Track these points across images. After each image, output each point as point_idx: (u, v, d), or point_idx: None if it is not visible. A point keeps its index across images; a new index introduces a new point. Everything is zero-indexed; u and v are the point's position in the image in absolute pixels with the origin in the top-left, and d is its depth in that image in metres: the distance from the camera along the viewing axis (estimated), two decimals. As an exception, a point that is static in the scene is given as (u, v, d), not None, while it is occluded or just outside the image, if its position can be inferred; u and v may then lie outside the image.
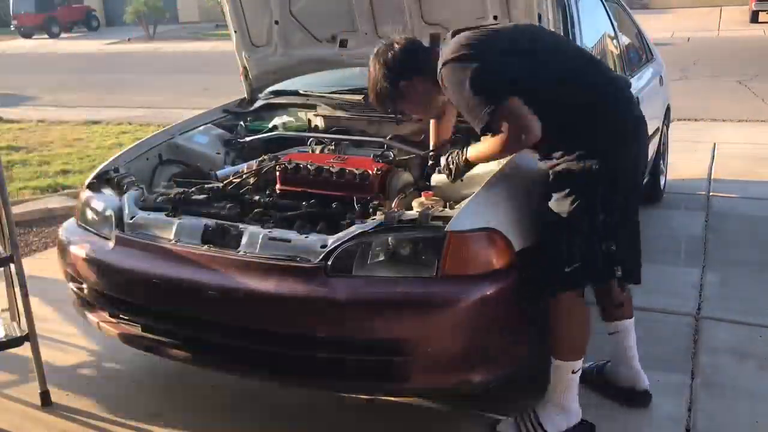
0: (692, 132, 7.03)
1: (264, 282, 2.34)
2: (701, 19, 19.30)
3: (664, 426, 2.57)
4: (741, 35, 16.27)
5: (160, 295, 2.54)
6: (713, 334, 3.19)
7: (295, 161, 2.94)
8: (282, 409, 2.75)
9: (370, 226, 2.37)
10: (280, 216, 2.55)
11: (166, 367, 2.97)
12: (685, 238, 4.34)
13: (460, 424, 2.63)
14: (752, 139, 6.80)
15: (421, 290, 2.25)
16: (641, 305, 3.43)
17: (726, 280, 3.72)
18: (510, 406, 2.60)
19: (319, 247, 2.33)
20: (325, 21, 3.45)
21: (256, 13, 3.53)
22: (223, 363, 2.56)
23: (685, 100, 8.00)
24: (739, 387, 2.78)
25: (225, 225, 2.51)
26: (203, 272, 2.43)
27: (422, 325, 2.25)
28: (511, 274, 2.33)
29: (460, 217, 2.32)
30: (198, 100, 2.65)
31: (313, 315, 2.29)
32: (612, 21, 4.18)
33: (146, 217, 2.66)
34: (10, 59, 21.92)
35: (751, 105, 8.41)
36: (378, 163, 2.84)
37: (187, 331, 2.57)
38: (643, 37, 4.97)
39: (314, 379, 2.42)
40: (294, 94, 3.77)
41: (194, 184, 2.90)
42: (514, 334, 2.45)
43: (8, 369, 2.94)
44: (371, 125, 3.45)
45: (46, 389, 2.81)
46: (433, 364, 2.30)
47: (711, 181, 5.46)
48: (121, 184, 2.90)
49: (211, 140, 3.41)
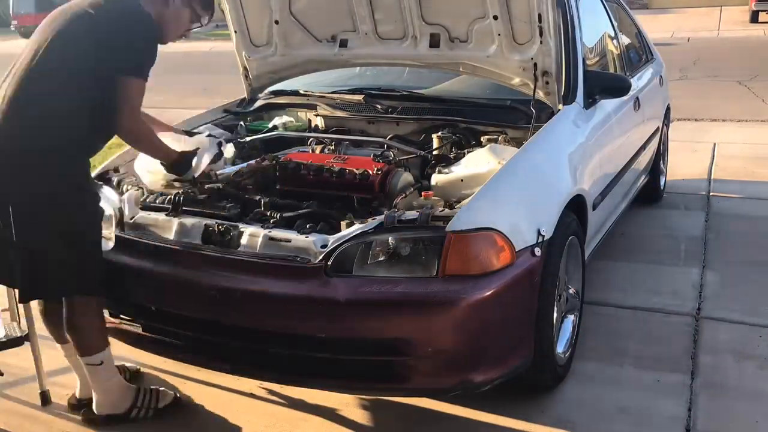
0: (692, 132, 7.03)
1: (264, 282, 2.34)
2: (701, 19, 19.28)
3: (664, 426, 2.57)
4: (741, 35, 16.25)
5: (160, 295, 2.54)
6: (713, 334, 3.19)
7: (295, 161, 2.95)
8: (282, 408, 2.75)
9: (370, 226, 2.37)
10: (280, 216, 2.55)
11: (166, 366, 2.97)
12: (685, 238, 4.34)
13: (461, 424, 2.63)
14: (752, 139, 6.79)
15: (421, 290, 2.25)
16: (641, 305, 3.45)
17: (726, 280, 3.72)
18: (511, 406, 2.60)
19: (320, 247, 2.33)
20: (325, 21, 3.45)
21: (256, 13, 3.53)
22: (223, 363, 2.56)
23: (685, 100, 8.00)
24: (739, 387, 2.78)
25: (225, 225, 2.51)
26: (203, 272, 2.43)
27: (422, 325, 2.25)
28: (511, 273, 2.33)
29: (460, 217, 2.32)
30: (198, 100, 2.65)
31: (313, 315, 2.29)
32: (612, 21, 4.18)
33: (146, 217, 2.66)
34: (10, 59, 21.86)
35: (751, 105, 8.41)
36: (378, 163, 2.85)
37: (188, 331, 2.58)
38: (643, 37, 4.97)
39: (314, 379, 2.42)
40: (294, 94, 3.77)
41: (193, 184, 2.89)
42: (515, 333, 2.45)
43: (8, 369, 2.94)
44: (371, 125, 3.45)
45: (45, 389, 2.81)
46: (434, 364, 2.30)
47: (711, 181, 5.46)
48: (121, 184, 2.90)
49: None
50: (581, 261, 3.00)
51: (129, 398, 2.66)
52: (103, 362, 2.59)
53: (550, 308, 2.57)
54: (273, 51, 3.61)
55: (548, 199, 2.70)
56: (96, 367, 2.59)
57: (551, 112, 3.07)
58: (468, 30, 3.15)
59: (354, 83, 3.80)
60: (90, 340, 2.57)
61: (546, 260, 2.50)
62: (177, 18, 2.58)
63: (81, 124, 2.42)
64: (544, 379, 2.69)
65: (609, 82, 3.38)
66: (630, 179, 4.02)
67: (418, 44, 3.29)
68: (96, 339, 2.58)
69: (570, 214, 2.79)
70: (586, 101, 3.23)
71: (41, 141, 2.36)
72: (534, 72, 3.07)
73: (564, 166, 2.92)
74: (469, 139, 3.15)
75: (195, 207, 2.66)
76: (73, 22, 2.43)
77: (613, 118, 3.52)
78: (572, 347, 2.91)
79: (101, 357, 2.58)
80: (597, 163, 3.21)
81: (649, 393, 2.75)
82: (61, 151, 2.40)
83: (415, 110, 3.36)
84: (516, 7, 2.98)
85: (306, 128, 3.60)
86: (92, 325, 2.57)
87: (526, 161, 2.73)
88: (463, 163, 2.87)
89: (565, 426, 2.57)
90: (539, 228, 2.49)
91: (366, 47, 3.41)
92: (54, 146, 2.38)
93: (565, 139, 3.04)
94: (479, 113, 3.25)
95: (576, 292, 3.00)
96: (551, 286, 2.56)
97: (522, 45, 3.06)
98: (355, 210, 2.66)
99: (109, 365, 2.63)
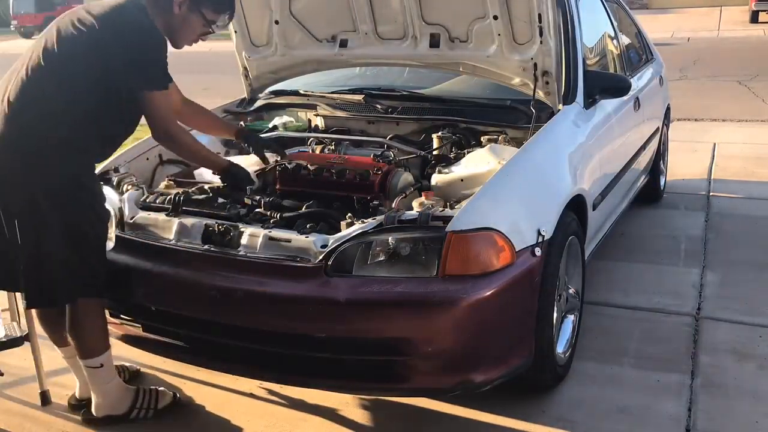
0: (692, 132, 7.03)
1: (264, 282, 2.34)
2: (701, 19, 19.29)
3: (664, 426, 2.57)
4: (741, 35, 16.25)
5: (160, 295, 2.54)
6: (713, 334, 3.18)
7: (296, 161, 2.95)
8: (282, 408, 2.75)
9: (370, 226, 2.37)
10: (280, 216, 2.55)
11: (166, 366, 2.97)
12: (685, 238, 4.34)
13: (461, 424, 2.63)
14: (752, 139, 6.79)
15: (421, 290, 2.25)
16: (641, 305, 3.45)
17: (726, 280, 3.72)
18: (511, 406, 2.60)
19: (320, 247, 2.33)
20: (325, 21, 3.45)
21: (256, 13, 3.53)
22: (223, 363, 2.56)
23: (685, 100, 8.01)
24: (739, 387, 2.78)
25: (225, 225, 2.51)
26: (203, 272, 2.43)
27: (423, 325, 2.25)
28: (511, 273, 2.33)
29: (460, 217, 2.32)
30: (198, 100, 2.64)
31: (313, 315, 2.29)
32: (612, 21, 4.18)
33: (146, 217, 2.66)
34: (10, 59, 21.84)
35: (751, 105, 8.41)
36: (378, 163, 2.85)
37: (188, 331, 2.57)
38: (643, 37, 4.97)
39: (314, 379, 2.42)
40: (294, 94, 3.78)
41: (194, 184, 2.90)
42: (515, 333, 2.45)
43: (8, 369, 2.94)
44: (371, 125, 3.45)
45: (45, 389, 2.81)
46: (434, 364, 2.30)
47: (711, 181, 5.46)
48: (121, 184, 2.90)
49: (211, 140, 3.41)
50: (581, 261, 3.00)
51: (128, 399, 2.66)
52: (103, 365, 2.58)
53: (550, 308, 2.57)
54: (273, 51, 3.61)
55: (548, 199, 2.70)
56: (96, 369, 2.58)
57: (551, 112, 3.08)
58: (468, 30, 3.15)
59: (354, 83, 3.80)
60: (91, 343, 2.56)
61: (546, 260, 2.50)
62: (185, 24, 2.55)
63: (78, 127, 2.40)
64: (544, 379, 2.69)
65: (609, 82, 3.38)
66: (630, 179, 4.02)
67: (418, 44, 3.29)
68: (97, 342, 2.57)
69: (570, 214, 2.79)
70: (586, 101, 3.23)
71: (39, 141, 2.35)
72: (534, 72, 3.07)
73: (564, 166, 2.92)
74: (469, 139, 3.15)
75: (195, 207, 2.66)
76: (76, 34, 2.39)
77: (613, 118, 3.51)
78: (572, 347, 2.91)
79: (101, 360, 2.57)
80: (597, 163, 3.21)
81: (649, 393, 2.75)
82: (59, 149, 2.38)
83: (415, 110, 3.36)
84: (516, 7, 2.98)
85: (306, 128, 3.60)
86: (94, 327, 2.56)
87: (526, 161, 2.73)
88: (463, 163, 2.87)
89: (565, 426, 2.57)
90: (539, 228, 2.49)
91: (366, 47, 3.42)
92: (52, 146, 2.36)
93: (565, 139, 3.04)
94: (479, 113, 3.25)
95: (576, 292, 3.00)
96: (551, 286, 2.56)
97: (522, 45, 3.06)
98: (355, 210, 2.66)
99: (109, 368, 2.62)
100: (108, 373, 2.62)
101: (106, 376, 2.61)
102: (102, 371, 2.59)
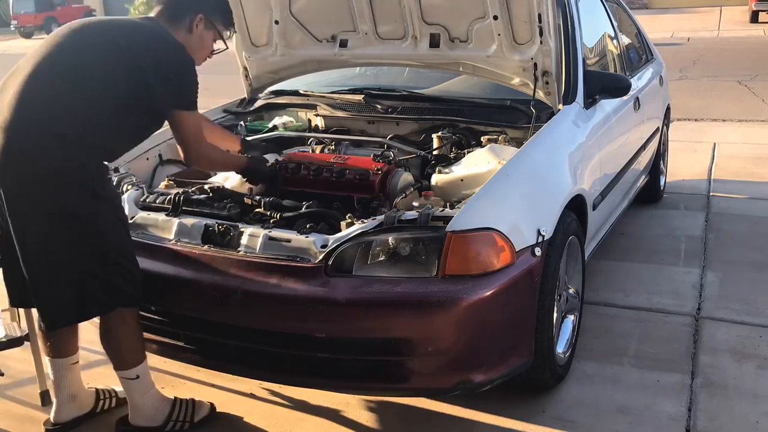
0: (692, 132, 7.03)
1: (264, 282, 2.34)
2: (701, 19, 19.29)
3: (664, 426, 2.57)
4: (741, 35, 16.25)
5: (160, 296, 2.54)
6: (713, 334, 3.19)
7: (296, 161, 2.95)
8: (282, 408, 2.75)
9: (370, 226, 2.37)
10: (280, 216, 2.55)
11: (166, 366, 2.97)
12: (685, 238, 4.34)
13: (461, 424, 2.63)
14: (752, 139, 6.79)
15: (421, 290, 2.25)
16: (641, 305, 3.45)
17: (726, 280, 3.72)
18: (511, 406, 2.60)
19: (320, 247, 2.33)
20: (325, 21, 3.45)
21: (256, 13, 3.53)
22: (224, 363, 2.56)
23: (685, 100, 8.01)
24: (739, 387, 2.78)
25: (225, 225, 2.51)
26: (203, 272, 2.43)
27: (422, 325, 2.25)
28: (511, 273, 2.33)
29: (460, 217, 2.32)
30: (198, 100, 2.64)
31: (313, 315, 2.29)
32: (612, 21, 4.18)
33: (146, 217, 2.66)
34: (10, 59, 21.84)
35: (751, 105, 8.41)
36: (378, 163, 2.85)
37: (188, 332, 2.57)
38: (643, 37, 4.97)
39: (314, 379, 2.42)
40: (294, 94, 3.78)
41: (194, 184, 2.90)
42: (515, 333, 2.45)
43: (8, 369, 2.94)
44: (371, 125, 3.45)
45: (45, 389, 2.81)
46: (434, 364, 2.30)
47: (711, 181, 5.46)
48: (121, 184, 2.90)
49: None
50: (581, 261, 3.00)
51: (165, 411, 2.58)
52: (139, 376, 2.50)
53: (550, 308, 2.57)
54: (273, 51, 3.61)
55: (548, 199, 2.70)
56: (132, 381, 2.50)
57: (551, 112, 3.08)
58: (468, 30, 3.15)
59: (354, 83, 3.80)
60: (127, 354, 2.48)
61: (546, 260, 2.50)
62: (201, 42, 2.56)
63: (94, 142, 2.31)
64: (544, 379, 2.69)
65: (609, 82, 3.38)
66: (630, 179, 4.02)
67: (418, 44, 3.29)
68: (134, 353, 2.49)
69: (570, 214, 2.79)
70: (586, 101, 3.23)
71: (49, 158, 2.23)
72: (534, 72, 3.07)
73: (564, 166, 2.92)
74: (469, 139, 3.15)
75: (195, 207, 2.66)
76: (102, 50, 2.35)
77: (613, 118, 3.52)
78: (572, 347, 2.91)
79: (137, 371, 2.49)
80: (597, 163, 3.21)
81: (649, 393, 2.75)
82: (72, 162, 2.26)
83: (415, 110, 3.36)
84: (516, 7, 2.98)
85: (306, 128, 3.60)
86: (129, 338, 2.47)
87: (526, 161, 2.73)
88: (463, 163, 2.87)
89: (564, 426, 2.57)
90: (539, 228, 2.49)
91: (366, 47, 3.42)
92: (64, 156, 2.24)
93: (565, 139, 3.04)
94: (479, 113, 3.25)
95: (576, 292, 3.00)
96: (551, 286, 2.56)
97: (522, 45, 3.06)
98: (355, 210, 2.66)
99: (145, 379, 2.53)
100: (144, 384, 2.54)
101: (142, 387, 2.53)
102: (138, 383, 2.51)
